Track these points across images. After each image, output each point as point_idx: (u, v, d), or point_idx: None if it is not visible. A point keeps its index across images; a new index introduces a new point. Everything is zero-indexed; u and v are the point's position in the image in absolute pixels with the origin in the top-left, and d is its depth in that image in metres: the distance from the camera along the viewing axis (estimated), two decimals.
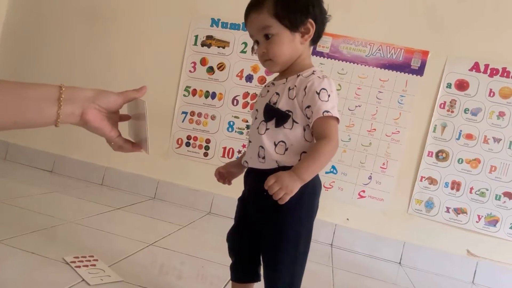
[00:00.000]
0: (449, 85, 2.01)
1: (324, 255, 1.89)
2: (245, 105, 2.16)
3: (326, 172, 2.09)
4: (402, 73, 2.05)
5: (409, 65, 2.05)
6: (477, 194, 1.97)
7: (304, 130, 0.89)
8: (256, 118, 0.94)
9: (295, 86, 0.88)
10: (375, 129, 2.07)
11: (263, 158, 0.90)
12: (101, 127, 0.72)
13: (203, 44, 2.21)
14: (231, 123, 2.17)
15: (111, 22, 2.35)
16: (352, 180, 2.08)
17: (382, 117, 2.06)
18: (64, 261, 1.13)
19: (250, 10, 0.92)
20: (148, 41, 2.30)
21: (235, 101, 2.17)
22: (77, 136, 2.36)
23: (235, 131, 2.17)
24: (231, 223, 1.01)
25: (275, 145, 0.89)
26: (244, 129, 2.16)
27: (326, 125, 0.85)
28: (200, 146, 2.21)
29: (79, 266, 1.10)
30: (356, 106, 2.08)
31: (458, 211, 1.98)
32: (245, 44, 2.16)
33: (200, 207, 2.18)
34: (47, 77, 2.42)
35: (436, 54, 2.02)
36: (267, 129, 0.90)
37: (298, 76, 0.90)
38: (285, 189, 0.79)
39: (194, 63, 2.22)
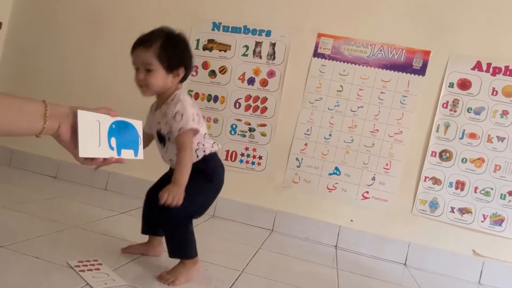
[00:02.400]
0: (451, 85, 2.01)
1: (329, 256, 1.88)
2: (247, 107, 2.17)
3: (330, 174, 2.09)
4: (404, 73, 2.05)
5: (410, 65, 2.04)
6: (482, 193, 1.96)
7: None
8: (156, 140, 1.30)
9: (165, 113, 1.19)
10: (377, 130, 2.06)
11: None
12: (67, 143, 0.77)
13: (204, 48, 2.22)
14: (234, 126, 2.18)
15: (112, 26, 2.36)
16: (355, 181, 2.07)
17: (385, 117, 2.06)
18: (69, 266, 1.13)
19: (139, 45, 1.17)
20: None
21: (237, 104, 2.18)
22: None
23: (238, 134, 2.17)
24: (235, 225, 1.02)
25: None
26: (246, 131, 2.16)
27: (180, 140, 1.16)
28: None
29: (83, 270, 1.10)
30: (358, 107, 2.08)
31: (463, 211, 1.97)
32: (247, 47, 2.17)
33: None
34: (49, 79, 2.44)
35: (438, 53, 2.02)
36: (166, 148, 1.25)
37: (166, 104, 1.20)
38: (174, 197, 1.10)
39: (196, 67, 2.23)
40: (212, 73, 2.21)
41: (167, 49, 1.16)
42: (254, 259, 1.59)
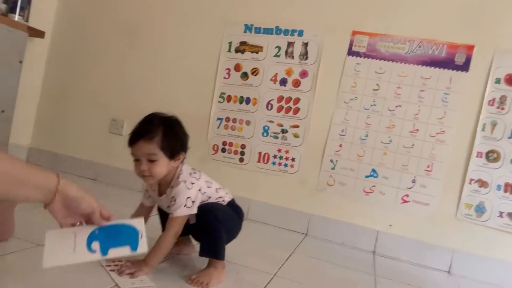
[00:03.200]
0: (498, 81, 1.87)
1: (366, 263, 1.80)
2: (279, 109, 2.13)
3: (366, 176, 2.01)
4: (446, 69, 1.93)
5: (452, 61, 1.93)
6: None
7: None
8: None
9: (173, 197, 1.20)
10: (417, 130, 1.96)
11: None
12: (56, 218, 0.83)
13: (237, 50, 2.22)
14: (266, 127, 2.15)
15: (146, 34, 2.42)
16: (394, 184, 1.98)
17: (425, 116, 1.95)
18: (100, 265, 1.15)
19: (140, 138, 1.15)
20: (183, 51, 2.34)
21: (269, 105, 2.15)
22: (117, 146, 2.45)
23: (270, 136, 2.14)
24: (268, 229, 0.99)
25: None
26: (279, 133, 2.13)
27: (170, 222, 1.19)
28: (235, 152, 2.20)
29: (113, 270, 1.11)
30: (396, 106, 1.99)
31: None
32: (279, 48, 2.14)
33: None
34: (89, 88, 2.53)
35: (482, 48, 1.89)
36: None
37: (171, 188, 1.22)
38: (136, 272, 1.12)
39: (229, 69, 2.23)
40: (244, 75, 2.20)
41: (168, 138, 1.16)
42: (287, 263, 1.55)
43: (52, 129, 2.63)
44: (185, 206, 1.18)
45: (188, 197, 1.19)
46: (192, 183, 1.21)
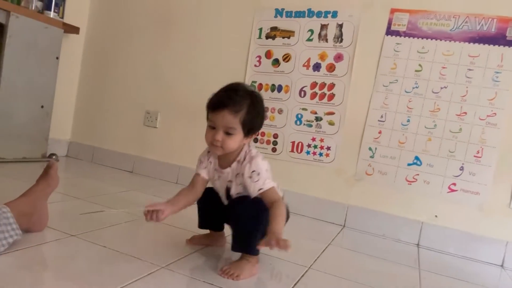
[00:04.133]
0: None
1: (410, 256, 1.69)
2: (313, 95, 2.04)
3: (409, 164, 1.89)
4: (496, 46, 1.76)
5: (504, 36, 1.75)
6: None
7: None
8: (221, 196, 1.25)
9: (242, 173, 1.15)
10: (465, 113, 1.81)
11: None
12: None
13: (267, 37, 2.14)
14: (299, 115, 2.07)
15: (177, 24, 2.40)
16: (440, 172, 1.84)
17: (474, 98, 1.79)
18: (133, 256, 1.13)
19: (225, 107, 1.08)
20: (213, 39, 2.30)
21: (302, 92, 2.06)
22: (151, 138, 2.46)
23: (304, 124, 2.06)
24: (303, 220, 0.93)
25: None
26: (313, 121, 2.04)
27: (269, 198, 1.13)
28: (268, 142, 2.14)
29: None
30: (441, 88, 1.84)
31: None
32: (311, 31, 2.05)
33: None
34: (123, 82, 2.56)
35: None
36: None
37: (238, 162, 1.17)
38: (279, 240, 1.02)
39: (259, 56, 2.16)
40: (276, 62, 2.12)
41: (251, 115, 1.10)
42: (323, 255, 1.47)
43: (90, 123, 2.69)
44: (269, 179, 1.14)
45: (266, 169, 1.15)
46: (263, 159, 1.17)
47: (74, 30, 2.44)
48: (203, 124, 1.16)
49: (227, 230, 1.28)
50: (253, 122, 1.12)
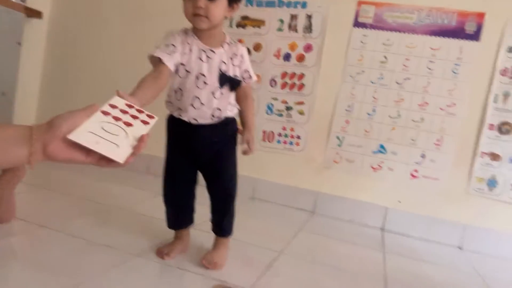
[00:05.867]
0: (510, 49, 1.79)
1: (375, 239, 1.77)
2: (283, 85, 2.08)
3: (374, 152, 1.96)
4: (456, 39, 1.86)
5: (463, 30, 1.85)
6: None
7: None
8: (204, 82, 1.06)
9: (235, 54, 1.09)
10: (427, 103, 1.90)
11: (218, 117, 1.09)
12: (71, 158, 0.58)
13: (238, 25, 2.15)
14: (270, 105, 2.10)
15: (149, 10, 2.35)
16: (403, 159, 1.93)
17: (435, 89, 1.88)
18: (106, 246, 1.13)
19: None
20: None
21: (273, 82, 2.09)
22: None
23: (274, 114, 2.09)
24: (274, 207, 0.95)
25: (228, 105, 1.10)
26: (283, 110, 2.08)
27: (248, 89, 1.13)
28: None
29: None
30: (404, 79, 1.92)
31: None
32: (281, 21, 2.07)
33: (243, 192, 2.13)
34: (91, 68, 2.49)
35: (494, 15, 1.81)
36: (221, 93, 1.08)
37: (228, 44, 1.09)
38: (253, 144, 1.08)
39: None
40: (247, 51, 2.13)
41: None
42: (294, 241, 1.52)
43: (54, 110, 2.58)
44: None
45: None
46: None
47: (37, 14, 2.34)
48: None
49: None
50: None
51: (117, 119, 0.62)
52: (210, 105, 1.07)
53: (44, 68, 2.62)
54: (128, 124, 0.62)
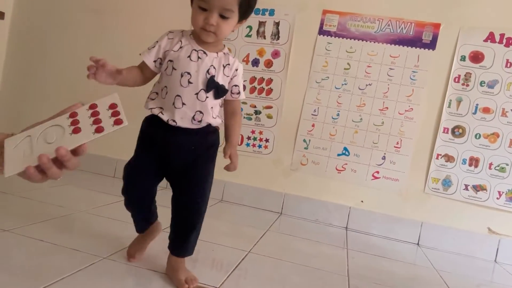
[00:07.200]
0: (463, 58, 1.93)
1: (339, 238, 1.85)
2: (252, 90, 2.13)
3: (338, 155, 2.05)
4: (414, 48, 1.97)
5: (420, 39, 1.97)
6: (497, 169, 1.89)
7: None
8: (189, 81, 1.01)
9: (228, 64, 1.05)
10: (387, 108, 2.00)
11: (199, 121, 1.04)
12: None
13: None
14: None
15: (115, 11, 2.33)
16: (365, 161, 2.03)
17: (394, 94, 1.99)
18: (72, 249, 1.13)
19: None
20: (153, 30, 2.27)
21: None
22: None
23: (244, 117, 2.13)
24: (243, 209, 0.99)
25: (211, 111, 1.04)
26: (252, 114, 2.13)
27: (238, 105, 1.11)
28: None
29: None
30: (366, 85, 2.02)
31: (478, 188, 1.91)
32: (250, 27, 2.12)
33: (212, 195, 2.15)
34: (55, 71, 2.44)
35: (448, 26, 1.94)
36: (206, 97, 1.02)
37: (224, 54, 1.06)
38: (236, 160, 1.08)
39: None
40: None
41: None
42: (262, 241, 1.57)
43: (16, 112, 2.52)
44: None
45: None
46: None
47: None
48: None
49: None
50: (249, 6, 1.02)
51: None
52: (193, 107, 1.02)
53: (5, 71, 2.54)
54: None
